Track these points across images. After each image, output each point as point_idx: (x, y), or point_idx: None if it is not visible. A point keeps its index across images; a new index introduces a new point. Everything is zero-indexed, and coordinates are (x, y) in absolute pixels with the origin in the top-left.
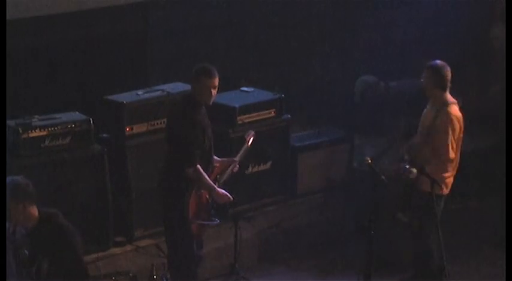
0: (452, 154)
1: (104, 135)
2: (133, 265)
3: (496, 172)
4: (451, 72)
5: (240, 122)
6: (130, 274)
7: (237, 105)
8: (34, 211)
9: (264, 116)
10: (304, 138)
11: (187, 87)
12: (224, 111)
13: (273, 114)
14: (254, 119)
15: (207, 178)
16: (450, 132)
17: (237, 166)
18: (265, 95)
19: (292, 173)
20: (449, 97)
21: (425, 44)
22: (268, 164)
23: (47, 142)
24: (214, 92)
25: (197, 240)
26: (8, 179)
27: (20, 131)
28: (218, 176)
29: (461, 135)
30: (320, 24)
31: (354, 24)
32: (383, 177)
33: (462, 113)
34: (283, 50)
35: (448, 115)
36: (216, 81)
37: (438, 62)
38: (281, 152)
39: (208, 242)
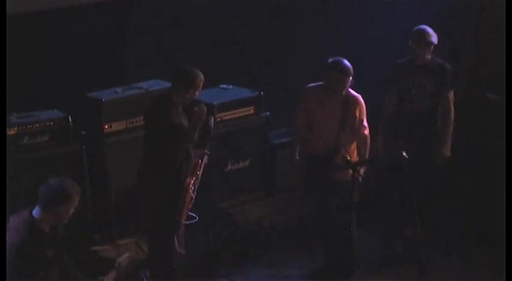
0: None
1: (83, 132)
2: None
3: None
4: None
5: (218, 119)
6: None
7: (215, 103)
8: None
9: (243, 114)
10: (283, 136)
11: (166, 84)
12: None
13: (252, 111)
14: (233, 116)
15: None
16: None
17: (207, 157)
18: (244, 93)
19: (271, 170)
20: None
21: (406, 42)
22: (247, 162)
23: (25, 140)
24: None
25: (178, 239)
26: (56, 181)
27: None
28: (199, 172)
29: None
30: (299, 22)
31: (334, 22)
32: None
33: None
34: (263, 47)
35: None
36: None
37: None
38: (260, 149)
39: (188, 240)
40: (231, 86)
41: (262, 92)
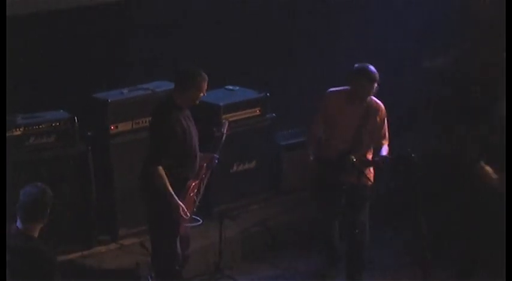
0: None
1: (89, 133)
2: (118, 264)
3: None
4: None
5: (224, 120)
6: None
7: (221, 104)
8: None
9: (248, 115)
10: (289, 137)
11: (171, 85)
12: (209, 109)
13: (257, 112)
14: (239, 117)
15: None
16: None
17: (216, 161)
18: (250, 94)
19: (277, 171)
20: None
21: (409, 43)
22: (253, 163)
23: (31, 140)
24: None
25: (184, 240)
26: (36, 191)
27: None
28: (204, 176)
29: None
30: (305, 23)
31: (339, 23)
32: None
33: None
34: (268, 48)
35: None
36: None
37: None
38: (266, 150)
39: (193, 241)
40: (237, 87)
41: (268, 93)
